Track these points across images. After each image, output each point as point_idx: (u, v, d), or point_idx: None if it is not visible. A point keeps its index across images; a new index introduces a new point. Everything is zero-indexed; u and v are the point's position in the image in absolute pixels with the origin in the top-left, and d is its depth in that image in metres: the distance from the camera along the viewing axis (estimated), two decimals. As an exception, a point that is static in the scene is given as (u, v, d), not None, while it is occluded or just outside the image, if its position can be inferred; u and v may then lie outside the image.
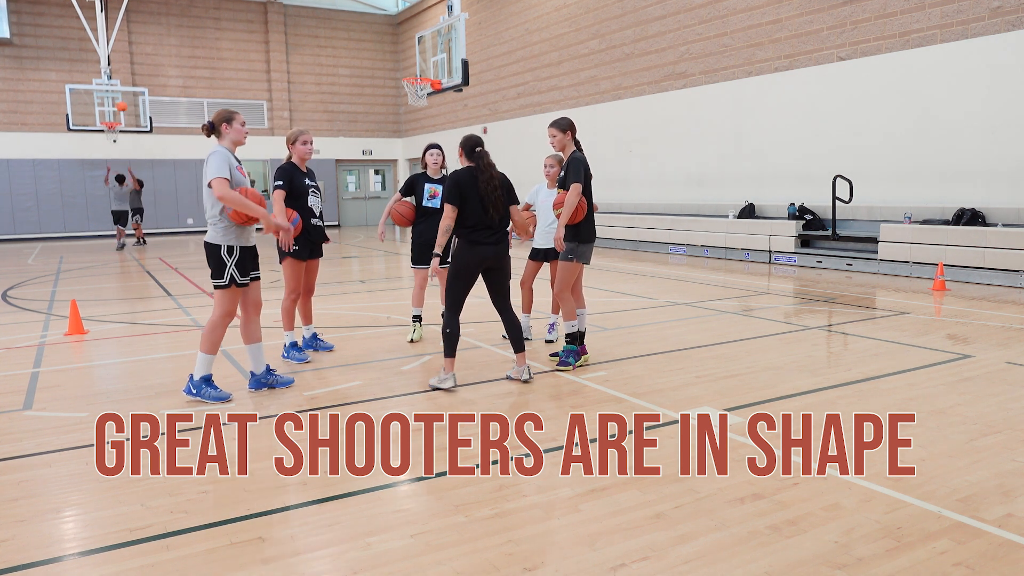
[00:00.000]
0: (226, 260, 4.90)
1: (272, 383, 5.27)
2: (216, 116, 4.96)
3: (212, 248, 4.92)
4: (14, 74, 22.94)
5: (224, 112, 4.95)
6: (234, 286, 4.95)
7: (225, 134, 4.94)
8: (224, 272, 4.91)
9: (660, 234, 15.65)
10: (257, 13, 26.43)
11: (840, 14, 12.53)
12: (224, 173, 4.73)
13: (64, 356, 6.62)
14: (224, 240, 4.90)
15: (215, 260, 4.91)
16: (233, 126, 4.94)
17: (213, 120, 4.95)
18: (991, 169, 10.68)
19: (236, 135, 4.95)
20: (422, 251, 6.74)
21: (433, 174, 6.71)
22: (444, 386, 5.17)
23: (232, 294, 4.97)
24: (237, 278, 4.95)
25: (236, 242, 4.93)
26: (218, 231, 4.91)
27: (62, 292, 10.97)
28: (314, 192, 6.16)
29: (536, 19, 20.47)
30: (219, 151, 4.83)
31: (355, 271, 13.62)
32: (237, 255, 4.93)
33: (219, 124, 4.93)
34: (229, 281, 4.92)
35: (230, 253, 4.91)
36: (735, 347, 6.39)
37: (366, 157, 28.64)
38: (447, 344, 5.17)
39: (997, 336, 6.62)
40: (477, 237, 5.15)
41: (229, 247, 4.91)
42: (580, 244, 5.69)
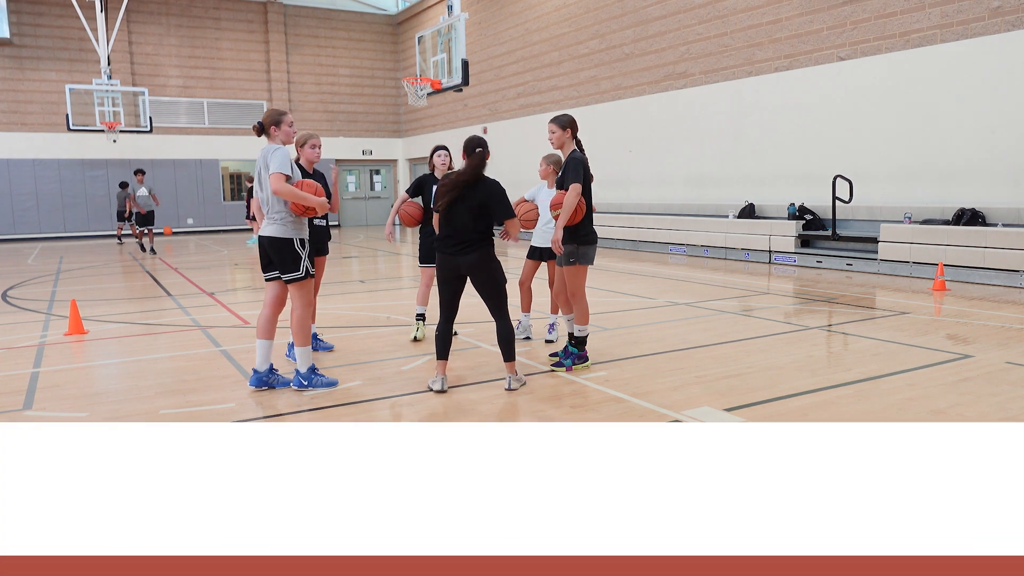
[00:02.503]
0: (300, 253, 5.07)
1: (273, 382, 5.28)
2: (265, 118, 5.07)
3: (283, 243, 5.04)
4: (14, 74, 22.95)
5: (273, 113, 5.07)
6: (308, 277, 5.13)
7: (275, 135, 5.05)
8: (300, 264, 5.07)
9: (660, 234, 15.65)
10: (257, 13, 26.44)
11: (840, 14, 12.53)
12: (286, 169, 4.88)
13: (64, 356, 6.62)
14: (296, 234, 5.07)
15: (290, 254, 5.05)
16: (282, 128, 5.06)
17: (263, 121, 5.07)
18: (991, 169, 10.68)
19: (285, 136, 5.08)
20: (429, 251, 6.76)
21: (440, 175, 6.72)
22: (433, 388, 5.11)
23: (308, 285, 5.17)
24: (311, 268, 5.17)
25: (304, 234, 5.14)
26: (287, 226, 5.05)
27: (62, 292, 10.97)
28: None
29: (536, 19, 20.47)
30: (283, 148, 4.98)
31: (355, 271, 13.62)
32: (308, 247, 5.15)
33: (268, 126, 5.05)
34: (305, 273, 5.10)
35: (303, 246, 5.10)
36: (735, 347, 6.39)
37: (366, 157, 28.65)
38: (438, 347, 5.14)
39: (997, 336, 6.63)
40: (438, 245, 5.17)
41: (301, 240, 5.09)
42: (580, 246, 5.57)
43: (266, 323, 5.22)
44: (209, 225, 25.47)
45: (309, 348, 5.20)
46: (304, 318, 5.15)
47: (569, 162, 5.48)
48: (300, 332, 5.14)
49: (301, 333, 5.14)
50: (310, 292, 5.21)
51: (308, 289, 5.18)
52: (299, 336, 5.14)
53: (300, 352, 5.18)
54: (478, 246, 5.03)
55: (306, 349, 5.18)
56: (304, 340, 5.15)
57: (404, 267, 14.03)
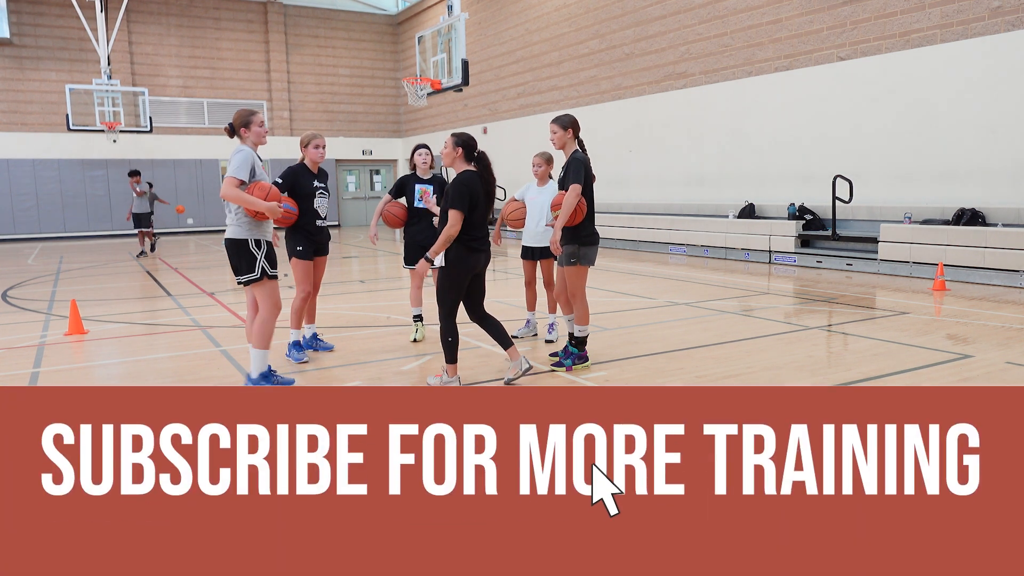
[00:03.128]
0: (255, 253, 4.94)
1: (273, 383, 5.25)
2: (235, 118, 5.00)
3: (239, 243, 4.93)
4: (14, 74, 22.95)
5: (243, 114, 5.00)
6: (267, 278, 4.98)
7: (245, 137, 4.98)
8: (256, 265, 4.94)
9: (660, 234, 15.65)
10: (257, 13, 26.45)
11: (840, 14, 12.53)
12: (240, 174, 4.79)
13: (64, 356, 6.62)
14: (250, 234, 4.94)
15: (245, 255, 4.93)
16: (252, 128, 4.98)
17: (232, 122, 5.00)
18: (991, 169, 10.68)
19: (256, 136, 5.00)
20: (415, 252, 6.76)
21: (423, 174, 6.72)
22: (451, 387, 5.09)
23: (270, 286, 5.01)
24: (268, 270, 4.99)
25: (261, 235, 4.98)
26: (242, 226, 4.93)
27: (62, 292, 10.97)
28: (322, 194, 6.14)
29: (536, 19, 20.48)
30: (245, 149, 4.90)
31: (355, 271, 13.62)
32: (265, 248, 4.99)
33: (238, 127, 4.98)
34: (261, 273, 4.96)
35: (258, 246, 4.96)
36: (735, 347, 6.39)
37: (366, 157, 28.65)
38: (449, 351, 5.06)
39: (997, 336, 6.62)
40: (476, 243, 5.00)
41: (256, 240, 4.95)
42: (582, 247, 5.55)
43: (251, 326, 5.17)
44: (209, 225, 25.46)
45: (265, 353, 5.02)
46: (266, 321, 4.97)
47: (571, 163, 5.46)
48: (258, 335, 4.97)
49: (258, 336, 4.97)
50: (275, 294, 5.03)
51: (269, 291, 4.99)
52: (256, 338, 4.97)
53: (254, 355, 5.00)
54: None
55: (262, 353, 5.00)
56: (260, 342, 4.97)
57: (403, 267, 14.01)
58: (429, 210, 6.63)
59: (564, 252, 5.58)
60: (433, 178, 6.74)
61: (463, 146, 4.98)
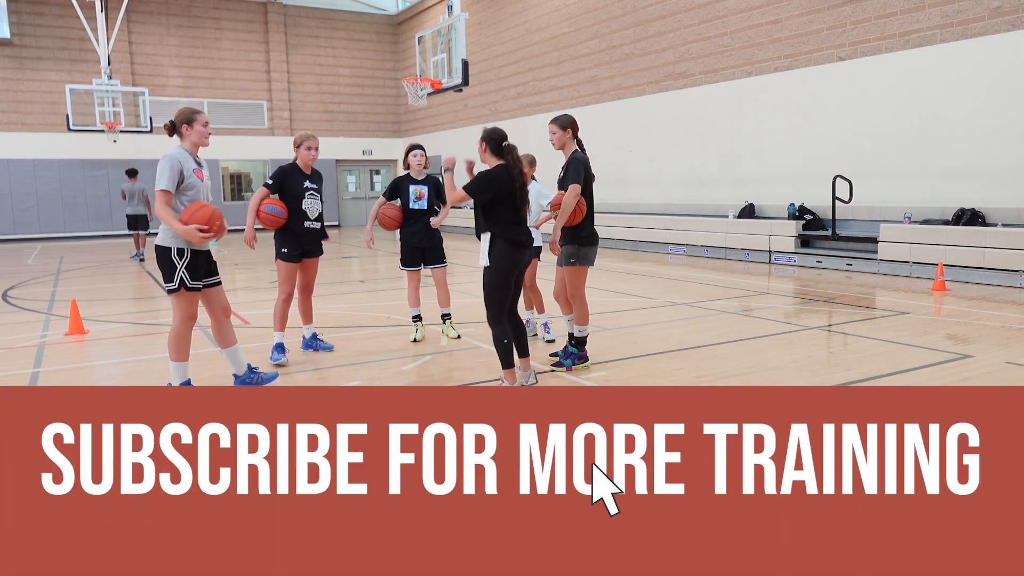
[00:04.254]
0: (176, 262, 4.69)
1: (256, 381, 5.20)
2: (177, 115, 4.75)
3: (162, 251, 4.72)
4: (14, 74, 22.95)
5: (186, 111, 4.76)
6: (184, 290, 4.74)
7: (186, 135, 4.74)
8: (174, 275, 4.71)
9: (660, 234, 15.65)
10: (257, 13, 26.45)
11: (840, 14, 12.53)
12: (167, 185, 4.55)
13: (64, 356, 6.62)
14: (174, 242, 4.69)
15: (165, 263, 4.71)
16: (194, 127, 4.72)
17: (174, 119, 4.75)
18: (991, 169, 10.68)
19: (198, 137, 4.75)
20: (411, 253, 6.75)
21: (417, 175, 6.71)
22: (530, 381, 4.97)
23: (186, 298, 4.76)
24: (187, 282, 4.72)
25: (187, 244, 4.71)
26: (168, 233, 4.69)
27: (62, 292, 10.97)
28: (312, 195, 6.06)
29: (536, 19, 20.48)
30: (170, 155, 4.61)
31: (355, 271, 13.63)
32: (188, 258, 4.72)
33: (179, 124, 4.73)
34: (179, 284, 4.73)
35: (180, 255, 4.70)
36: (735, 347, 6.39)
37: (366, 157, 28.65)
38: (505, 355, 4.89)
39: (997, 336, 6.62)
40: (518, 237, 4.85)
41: (179, 249, 4.70)
42: (581, 247, 5.55)
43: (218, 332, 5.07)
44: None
45: (185, 364, 4.85)
46: (179, 332, 4.78)
47: (570, 163, 5.46)
48: (174, 346, 4.80)
49: (175, 348, 4.80)
50: (191, 307, 4.80)
51: (186, 303, 4.77)
52: (172, 350, 4.80)
53: (173, 368, 4.82)
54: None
55: (182, 365, 4.83)
56: (179, 355, 4.81)
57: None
58: (425, 211, 6.64)
59: (563, 252, 5.57)
60: (427, 179, 6.73)
61: (487, 140, 4.91)
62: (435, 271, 6.88)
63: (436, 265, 6.84)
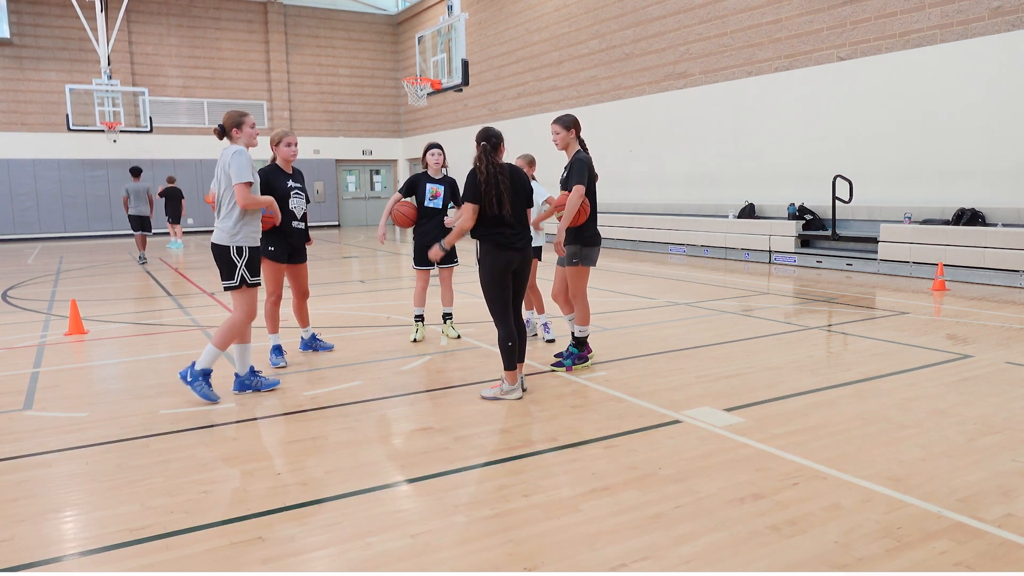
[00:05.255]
0: (236, 261, 4.88)
1: (256, 385, 5.21)
2: (226, 120, 4.90)
3: (221, 249, 4.88)
4: (14, 74, 22.95)
5: (234, 115, 4.90)
6: (245, 286, 4.94)
7: (236, 138, 4.90)
8: (235, 273, 4.89)
9: (660, 234, 15.65)
10: (257, 13, 26.44)
11: (840, 14, 12.53)
12: (248, 176, 4.74)
13: (64, 356, 6.62)
14: (232, 241, 4.87)
15: (225, 262, 4.88)
16: (244, 130, 4.89)
17: (223, 124, 4.90)
18: (991, 169, 10.68)
19: (247, 139, 4.92)
20: (424, 252, 6.73)
21: (434, 174, 6.70)
22: (511, 397, 4.89)
23: (248, 294, 4.97)
24: (248, 278, 4.94)
25: (245, 243, 4.91)
26: (225, 232, 4.87)
27: (62, 292, 10.97)
28: (297, 194, 6.00)
29: (536, 19, 20.47)
30: (243, 150, 4.79)
31: (355, 271, 13.62)
32: (247, 255, 4.92)
33: (229, 128, 4.88)
34: (240, 282, 4.91)
35: (240, 254, 4.89)
36: (735, 347, 6.39)
37: (366, 157, 28.65)
38: (508, 356, 4.87)
39: (997, 336, 6.62)
40: (504, 239, 4.80)
41: (238, 248, 4.89)
42: (584, 247, 5.55)
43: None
44: (209, 225, 25.45)
45: (218, 353, 4.91)
46: (235, 324, 4.89)
47: (573, 163, 5.46)
48: (221, 333, 4.90)
49: (221, 334, 4.90)
50: (252, 303, 4.96)
51: (248, 299, 4.93)
52: (220, 337, 4.89)
53: (209, 351, 4.90)
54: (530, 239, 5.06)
55: (217, 353, 4.91)
56: (219, 341, 4.89)
57: (404, 267, 14.02)
58: (440, 209, 6.62)
59: (566, 252, 5.57)
60: (444, 178, 6.72)
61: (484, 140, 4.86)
62: (442, 270, 6.87)
63: (446, 265, 6.84)
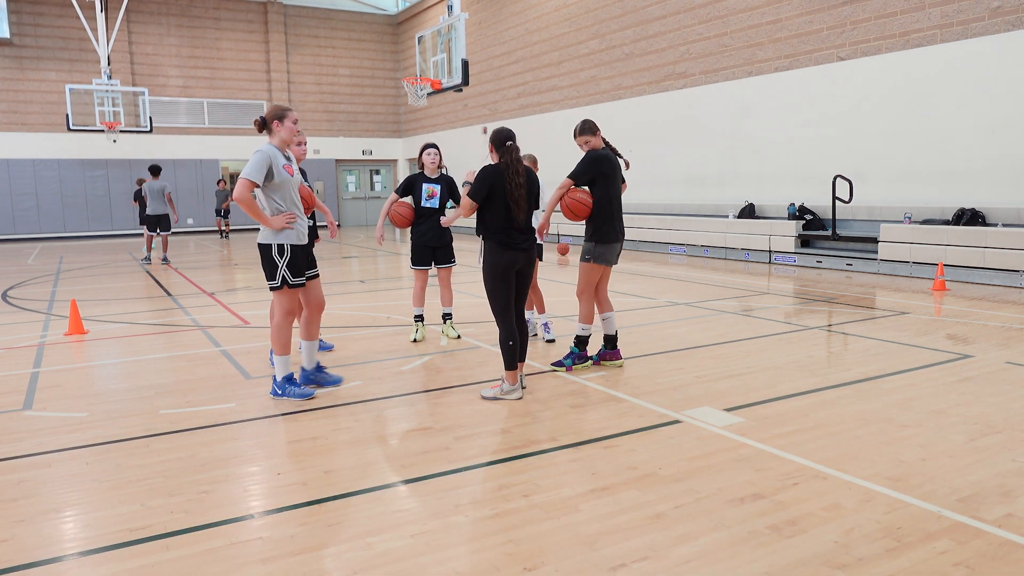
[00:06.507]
0: (277, 261, 4.86)
1: (320, 381, 5.29)
2: (268, 113, 4.91)
3: (263, 248, 4.89)
4: (14, 74, 22.95)
5: (276, 109, 4.91)
6: (287, 287, 4.91)
7: (276, 132, 4.89)
8: (276, 273, 4.87)
9: (660, 234, 15.65)
10: (257, 13, 26.44)
11: (840, 14, 12.53)
12: (254, 176, 4.69)
13: (64, 356, 6.62)
14: (275, 239, 4.85)
15: (267, 261, 4.88)
16: (284, 124, 4.87)
17: (265, 116, 4.90)
18: (991, 169, 10.68)
19: (287, 133, 4.90)
20: (422, 252, 6.75)
21: (431, 174, 6.70)
22: (511, 397, 4.90)
23: (288, 294, 4.93)
24: (289, 279, 4.90)
25: (287, 240, 4.88)
26: (267, 230, 4.87)
27: (62, 292, 10.97)
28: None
29: (536, 19, 20.47)
30: (261, 151, 4.79)
31: (355, 271, 13.62)
32: (288, 255, 4.88)
33: (270, 121, 4.88)
34: (281, 282, 4.88)
35: (280, 253, 4.86)
36: (735, 347, 6.39)
37: (366, 157, 28.65)
38: (509, 356, 4.88)
39: (997, 336, 6.62)
40: (508, 239, 4.84)
41: (279, 246, 4.86)
42: (598, 244, 5.54)
43: (306, 325, 5.25)
44: (209, 225, 25.48)
45: (288, 357, 5.00)
46: (281, 327, 4.94)
47: (582, 158, 5.51)
48: (277, 340, 4.96)
49: (278, 341, 4.96)
50: (292, 302, 4.97)
51: (288, 299, 4.93)
52: (276, 344, 4.96)
53: (277, 361, 5.00)
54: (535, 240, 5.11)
55: (285, 358, 4.98)
56: (282, 349, 4.95)
57: (404, 267, 14.02)
58: (437, 209, 6.63)
59: (583, 248, 5.65)
60: (441, 177, 6.72)
61: (492, 140, 4.94)
62: (441, 270, 6.87)
63: (444, 264, 6.84)
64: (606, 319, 5.80)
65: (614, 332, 5.79)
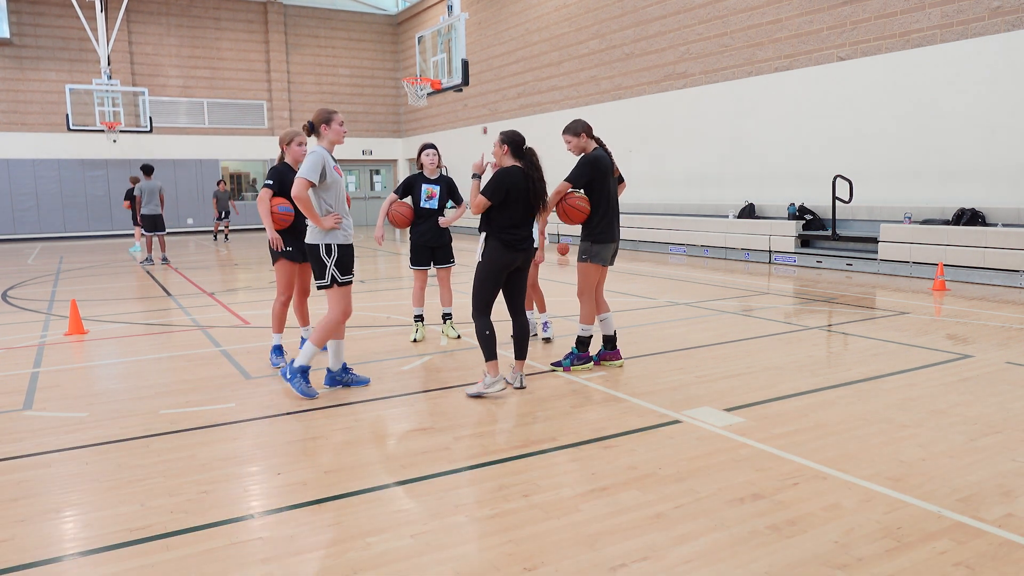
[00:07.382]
0: (325, 260, 4.96)
1: (347, 381, 5.31)
2: (316, 116, 5.01)
3: (312, 248, 4.98)
4: (14, 74, 22.95)
5: (324, 112, 5.00)
6: (336, 285, 5.00)
7: (324, 134, 4.97)
8: (325, 272, 4.98)
9: (660, 234, 15.65)
10: (257, 13, 26.44)
11: (840, 14, 12.53)
12: (311, 176, 4.78)
13: (64, 356, 6.62)
14: (323, 239, 4.95)
15: (316, 261, 4.98)
16: (332, 126, 4.96)
17: (313, 120, 5.00)
18: (991, 169, 10.68)
19: (335, 135, 4.99)
20: (421, 252, 6.75)
21: (430, 174, 6.70)
22: (494, 390, 4.94)
23: (340, 292, 5.03)
24: (338, 277, 5.01)
25: (334, 240, 4.97)
26: (316, 230, 4.96)
27: (62, 292, 10.97)
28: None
29: (536, 19, 20.47)
30: (316, 151, 4.89)
31: (355, 271, 13.61)
32: (336, 254, 4.98)
33: (319, 124, 4.97)
34: (331, 281, 4.99)
35: (328, 252, 4.96)
36: (735, 347, 6.39)
37: (366, 157, 28.65)
38: (487, 347, 4.94)
39: (997, 336, 6.62)
40: (513, 240, 4.94)
41: (327, 246, 4.96)
42: (594, 244, 5.55)
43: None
44: (209, 225, 25.46)
45: (315, 350, 5.04)
46: (330, 323, 5.03)
47: (578, 161, 5.51)
48: (319, 330, 5.05)
49: (322, 334, 5.04)
50: (345, 300, 5.06)
51: (341, 297, 5.03)
52: (318, 335, 5.04)
53: (307, 349, 5.04)
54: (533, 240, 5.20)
55: (315, 350, 5.04)
56: (317, 339, 5.02)
57: (404, 267, 14.02)
58: (436, 210, 6.63)
59: (579, 248, 5.66)
60: (440, 178, 6.72)
61: (509, 143, 5.01)
62: (440, 270, 6.87)
63: (443, 265, 6.84)
64: (604, 319, 5.80)
65: (613, 332, 5.80)
